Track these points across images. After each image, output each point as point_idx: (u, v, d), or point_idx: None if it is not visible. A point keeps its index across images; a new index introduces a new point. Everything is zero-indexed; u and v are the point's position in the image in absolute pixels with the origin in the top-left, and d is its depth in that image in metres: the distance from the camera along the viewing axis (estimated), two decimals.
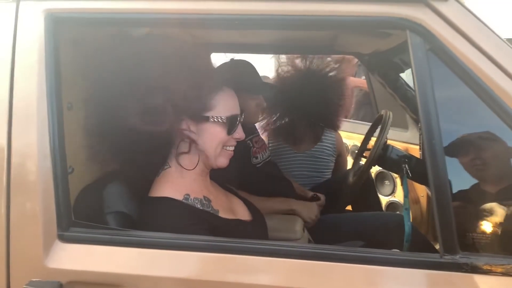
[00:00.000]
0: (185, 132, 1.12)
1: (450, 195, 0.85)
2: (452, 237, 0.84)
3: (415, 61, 0.89)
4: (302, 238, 1.66)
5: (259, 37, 2.09)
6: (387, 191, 2.69)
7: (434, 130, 0.86)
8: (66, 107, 1.12)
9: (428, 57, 0.88)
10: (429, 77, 0.87)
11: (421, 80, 0.88)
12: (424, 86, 0.88)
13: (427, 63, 0.88)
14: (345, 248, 0.90)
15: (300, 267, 0.91)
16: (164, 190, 1.13)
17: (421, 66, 0.88)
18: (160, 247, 0.96)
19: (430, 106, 0.87)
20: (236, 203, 1.35)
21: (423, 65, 0.88)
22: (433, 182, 0.85)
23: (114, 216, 1.13)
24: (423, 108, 0.87)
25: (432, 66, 0.88)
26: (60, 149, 1.03)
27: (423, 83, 0.88)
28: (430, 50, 0.89)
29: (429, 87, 0.87)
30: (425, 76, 0.88)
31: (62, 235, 0.99)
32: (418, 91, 0.88)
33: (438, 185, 0.85)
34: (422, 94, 0.87)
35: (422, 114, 0.87)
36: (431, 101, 0.87)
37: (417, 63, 0.88)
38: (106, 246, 0.98)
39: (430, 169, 0.86)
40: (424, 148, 0.86)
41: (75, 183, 1.13)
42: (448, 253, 0.85)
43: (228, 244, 0.95)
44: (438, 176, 0.85)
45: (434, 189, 0.85)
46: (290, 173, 2.28)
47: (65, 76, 1.08)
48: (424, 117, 0.87)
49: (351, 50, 2.23)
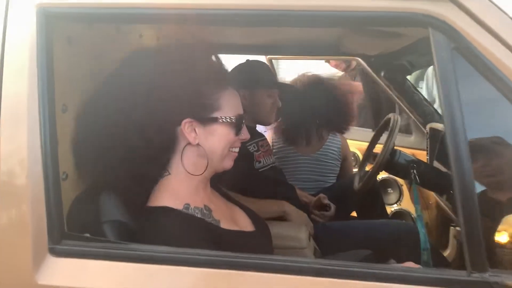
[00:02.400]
0: (191, 135, 1.07)
1: (477, 207, 0.78)
2: (480, 253, 0.77)
3: (439, 61, 0.81)
4: (308, 247, 1.61)
5: (262, 38, 2.05)
6: (391, 199, 2.63)
7: (460, 136, 0.79)
8: (61, 109, 1.06)
9: (453, 57, 0.81)
10: (454, 79, 0.80)
11: (445, 82, 0.81)
12: (448, 88, 0.81)
13: (451, 63, 0.81)
14: (361, 265, 0.83)
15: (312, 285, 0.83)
16: (163, 199, 1.08)
17: (445, 67, 0.81)
18: (161, 262, 0.89)
19: (455, 110, 0.80)
20: (237, 212, 1.29)
21: (447, 65, 0.81)
22: (459, 192, 0.78)
23: (111, 225, 1.07)
24: (448, 112, 0.80)
25: (457, 66, 0.81)
26: (53, 154, 0.96)
27: (448, 85, 0.81)
28: (454, 49, 0.82)
29: (454, 89, 0.80)
30: (450, 78, 0.81)
31: (53, 249, 0.92)
32: (443, 93, 0.81)
33: (465, 196, 0.78)
34: (446, 97, 0.80)
35: (447, 119, 0.80)
36: (457, 104, 0.80)
37: (441, 63, 0.81)
38: (102, 261, 0.92)
39: (455, 178, 0.79)
40: (449, 157, 0.79)
41: (69, 190, 1.07)
42: (477, 270, 0.77)
43: (234, 259, 0.87)
44: (465, 186, 0.78)
45: (461, 200, 0.78)
46: (294, 176, 2.25)
47: (59, 76, 1.02)
48: (449, 121, 0.80)
49: (356, 51, 2.19)
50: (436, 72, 0.82)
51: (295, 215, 1.76)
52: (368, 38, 1.87)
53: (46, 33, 0.97)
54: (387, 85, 2.27)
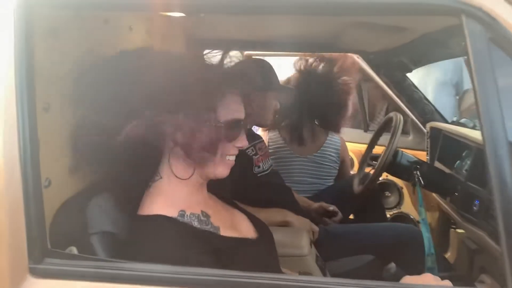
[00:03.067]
0: (177, 137, 0.99)
1: None
2: None
3: (474, 53, 0.73)
4: (309, 255, 1.53)
5: (259, 33, 1.98)
6: (390, 203, 2.57)
7: (499, 137, 0.70)
8: (42, 108, 0.97)
9: (490, 48, 0.73)
10: (491, 72, 0.72)
11: (481, 77, 0.72)
12: (485, 83, 0.72)
13: (488, 55, 0.72)
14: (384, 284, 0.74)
15: None
16: (156, 206, 1.00)
17: (482, 59, 0.73)
18: (157, 283, 0.79)
19: (493, 106, 0.71)
20: (238, 218, 1.21)
21: (484, 57, 0.72)
22: (498, 197, 0.70)
23: (100, 238, 0.99)
24: (484, 109, 0.72)
25: (494, 59, 0.72)
26: (33, 158, 0.87)
27: (484, 80, 0.72)
28: (491, 39, 0.73)
29: (492, 84, 0.71)
30: (487, 71, 0.72)
31: (34, 269, 0.82)
32: (479, 88, 0.72)
33: (505, 201, 0.70)
34: (483, 93, 0.72)
35: (484, 116, 0.71)
36: (495, 100, 0.71)
37: (477, 55, 0.73)
38: (91, 282, 0.81)
39: (496, 188, 0.70)
40: (487, 161, 0.71)
41: (52, 199, 0.98)
42: None
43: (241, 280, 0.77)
44: (505, 189, 0.70)
45: (500, 206, 0.70)
46: (290, 179, 2.18)
47: (41, 72, 0.94)
48: (486, 119, 0.71)
49: (356, 48, 2.12)
50: (471, 66, 0.73)
51: (298, 224, 1.70)
52: (368, 33, 1.79)
53: (26, 24, 0.88)
54: (386, 83, 2.19)
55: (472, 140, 1.71)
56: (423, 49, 1.88)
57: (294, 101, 2.17)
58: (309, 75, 2.24)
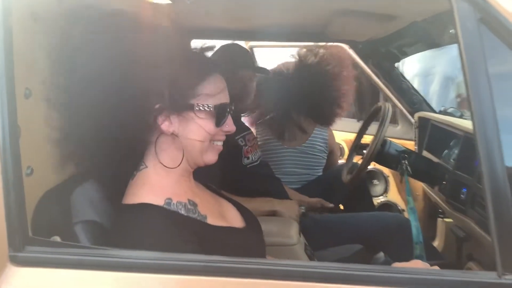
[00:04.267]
0: (164, 124, 0.97)
1: (510, 204, 0.69)
2: None
3: (464, 34, 0.72)
4: (298, 243, 1.52)
5: (245, 22, 1.94)
6: (377, 191, 2.58)
7: (488, 120, 0.70)
8: (23, 94, 0.93)
9: (480, 29, 0.71)
10: (482, 54, 0.71)
11: (471, 58, 0.71)
12: (475, 65, 0.71)
13: (478, 36, 0.71)
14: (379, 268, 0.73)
15: None
16: (141, 194, 0.98)
17: (471, 40, 0.71)
18: (144, 270, 0.77)
19: (483, 90, 0.70)
20: (226, 207, 1.20)
21: (474, 39, 0.71)
22: (488, 183, 0.69)
23: (84, 227, 0.96)
24: (474, 92, 0.70)
25: (484, 41, 0.71)
26: (13, 145, 0.84)
27: (474, 61, 0.71)
28: (481, 20, 0.72)
29: (482, 66, 0.70)
30: (477, 53, 0.71)
31: (15, 257, 0.79)
32: (468, 71, 0.71)
33: (495, 187, 0.69)
34: (473, 75, 0.71)
35: (474, 100, 0.70)
36: (485, 83, 0.70)
37: (466, 37, 0.72)
38: (74, 270, 0.79)
39: (485, 172, 0.69)
40: (477, 143, 0.70)
41: (35, 187, 0.95)
42: (510, 272, 0.68)
43: (228, 265, 0.76)
44: (495, 177, 0.69)
45: (490, 192, 0.69)
46: (279, 170, 2.17)
47: (21, 56, 0.90)
48: (476, 103, 0.70)
49: (345, 37, 2.10)
50: (460, 47, 0.72)
51: (286, 212, 1.70)
52: (357, 22, 1.78)
53: (4, 7, 0.85)
54: (375, 73, 2.19)
55: (460, 129, 1.71)
56: (412, 38, 1.87)
57: (284, 91, 2.15)
58: (302, 65, 2.21)
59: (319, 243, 1.72)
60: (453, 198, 1.61)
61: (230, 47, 1.91)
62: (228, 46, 1.91)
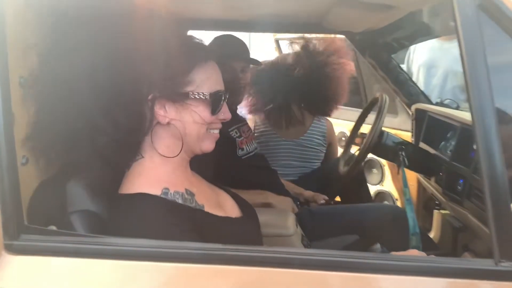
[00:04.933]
0: (160, 113, 0.97)
1: (508, 188, 0.69)
2: (510, 240, 0.68)
3: (462, 22, 0.71)
4: (295, 234, 1.52)
5: (241, 13, 1.92)
6: (375, 179, 2.59)
7: (487, 109, 0.69)
8: (18, 82, 0.93)
9: (479, 16, 0.71)
10: (480, 42, 0.70)
11: (470, 46, 0.71)
12: (473, 53, 0.71)
13: (477, 24, 0.71)
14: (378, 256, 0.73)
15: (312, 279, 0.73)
16: (138, 184, 0.97)
17: (470, 28, 0.71)
18: (141, 258, 0.77)
19: (481, 79, 0.70)
20: (223, 197, 1.20)
21: (472, 26, 0.71)
22: (487, 172, 0.69)
23: (80, 216, 0.96)
24: (473, 82, 0.70)
25: (483, 28, 0.71)
26: (8, 134, 0.83)
27: (473, 49, 0.71)
28: (480, 7, 0.71)
29: (481, 54, 0.70)
30: (475, 40, 0.71)
31: (10, 245, 0.78)
32: (467, 59, 0.71)
33: (493, 176, 0.69)
34: (471, 64, 0.70)
35: (472, 89, 0.70)
36: (483, 72, 0.70)
37: (465, 24, 0.71)
38: (70, 258, 0.78)
39: (483, 160, 0.69)
40: (475, 133, 0.69)
41: (30, 177, 0.95)
42: (506, 259, 0.69)
43: (225, 252, 0.76)
44: (493, 165, 0.69)
45: (488, 181, 0.69)
46: (276, 162, 2.17)
47: (15, 43, 0.90)
48: (475, 92, 0.70)
49: (341, 28, 2.07)
50: (458, 35, 0.72)
51: (280, 205, 1.70)
52: (355, 12, 1.76)
53: None
54: (372, 64, 2.17)
55: (457, 121, 1.71)
56: (409, 29, 1.86)
57: (282, 82, 2.14)
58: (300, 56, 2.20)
59: (316, 234, 1.72)
60: (450, 189, 1.61)
61: (224, 38, 1.90)
62: (223, 37, 1.91)
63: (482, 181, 0.70)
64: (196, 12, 1.88)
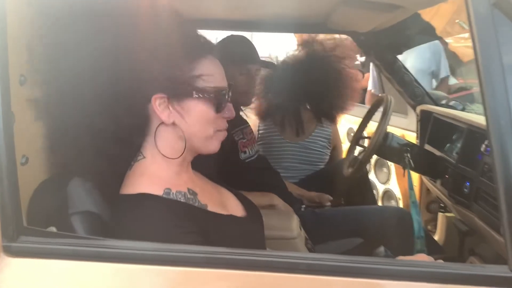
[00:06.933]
0: (164, 114, 0.95)
1: None
2: None
3: (476, 20, 0.69)
4: (298, 237, 1.51)
5: (247, 13, 1.91)
6: (384, 178, 2.57)
7: (502, 111, 0.67)
8: (18, 81, 0.92)
9: (494, 15, 0.69)
10: (495, 41, 0.68)
11: (484, 45, 0.69)
12: (488, 52, 0.68)
13: (492, 23, 0.68)
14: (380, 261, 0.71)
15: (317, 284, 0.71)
16: (139, 185, 0.96)
17: (484, 27, 0.69)
18: (142, 262, 0.75)
19: (496, 79, 0.68)
20: (226, 196, 1.18)
21: (487, 25, 0.68)
22: (502, 176, 0.67)
23: (81, 218, 0.95)
24: (487, 82, 0.68)
25: (498, 27, 0.68)
26: (7, 134, 0.81)
27: (487, 49, 0.69)
28: (495, 5, 0.69)
29: (496, 53, 0.68)
30: (490, 39, 0.68)
31: (8, 247, 0.77)
32: (481, 59, 0.68)
33: (508, 180, 0.67)
34: (486, 63, 0.68)
35: (487, 90, 0.68)
36: (498, 72, 0.67)
37: (479, 23, 0.69)
38: (70, 261, 0.77)
39: (496, 160, 0.67)
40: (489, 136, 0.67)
41: (30, 177, 0.94)
42: None
43: (229, 256, 0.74)
44: (508, 169, 0.67)
45: (503, 185, 0.67)
46: (280, 164, 2.15)
47: (16, 41, 0.89)
48: (489, 93, 0.68)
49: (346, 28, 2.06)
50: (472, 34, 0.70)
51: (283, 208, 1.70)
52: (360, 12, 1.74)
53: None
54: (377, 65, 2.15)
55: (463, 122, 1.69)
56: (415, 29, 1.84)
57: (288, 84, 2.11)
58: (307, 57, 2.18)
59: (320, 236, 1.70)
60: (456, 192, 1.59)
61: (234, 39, 1.87)
62: (233, 38, 1.88)
63: (496, 185, 0.68)
64: (200, 12, 1.87)
